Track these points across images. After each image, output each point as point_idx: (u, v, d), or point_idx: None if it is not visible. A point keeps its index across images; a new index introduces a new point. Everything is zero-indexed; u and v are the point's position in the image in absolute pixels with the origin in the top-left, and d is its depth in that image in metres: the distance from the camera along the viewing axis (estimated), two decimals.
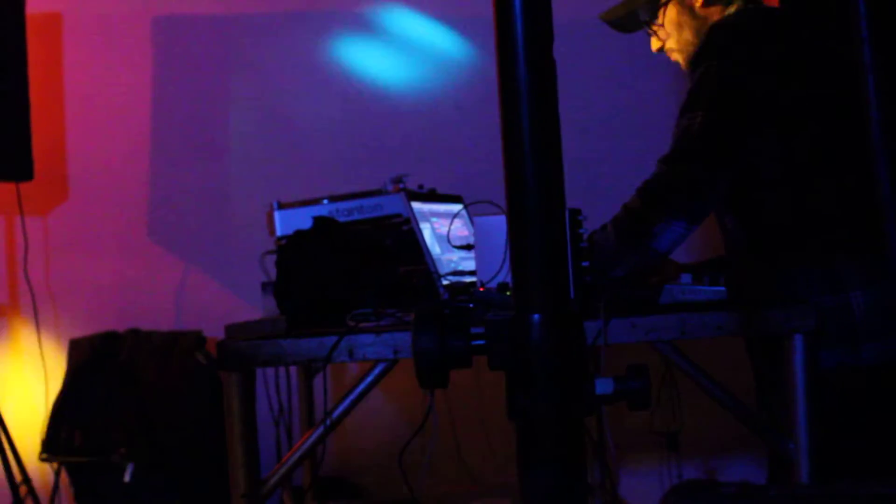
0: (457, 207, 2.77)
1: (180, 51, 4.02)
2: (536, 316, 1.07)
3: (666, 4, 2.63)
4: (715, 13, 2.60)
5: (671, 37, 2.64)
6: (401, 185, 2.63)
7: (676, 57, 2.66)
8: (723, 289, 2.38)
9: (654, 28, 2.66)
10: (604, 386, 1.16)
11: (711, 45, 2.53)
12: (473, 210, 2.40)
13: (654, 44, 2.70)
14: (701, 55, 2.53)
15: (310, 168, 3.94)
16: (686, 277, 2.42)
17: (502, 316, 1.12)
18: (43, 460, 3.59)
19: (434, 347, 1.17)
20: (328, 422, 2.18)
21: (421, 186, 2.78)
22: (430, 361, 1.18)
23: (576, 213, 2.20)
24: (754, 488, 1.10)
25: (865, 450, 2.40)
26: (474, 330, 1.18)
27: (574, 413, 1.08)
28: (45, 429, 3.57)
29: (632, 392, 1.16)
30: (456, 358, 1.17)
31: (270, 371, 3.10)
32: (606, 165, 3.78)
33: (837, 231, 2.44)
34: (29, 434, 3.80)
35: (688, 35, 2.62)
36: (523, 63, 1.06)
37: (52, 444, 3.54)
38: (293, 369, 3.31)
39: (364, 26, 3.98)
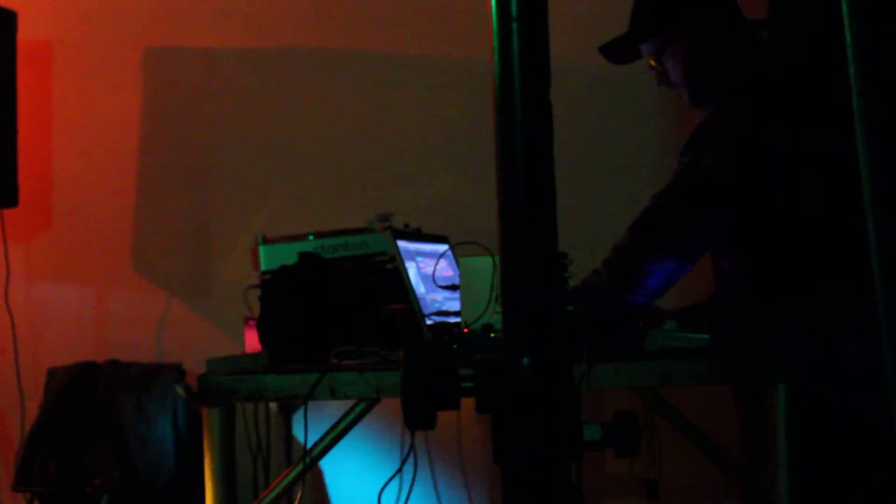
0: (442, 248, 2.77)
1: (171, 82, 4.02)
2: (526, 360, 1.07)
3: (671, 38, 2.58)
4: (723, 48, 2.56)
5: (675, 71, 2.58)
6: (387, 224, 2.63)
7: (680, 91, 2.61)
8: (706, 336, 2.37)
9: (658, 62, 2.60)
10: (591, 433, 1.15)
11: (724, 86, 2.49)
12: (459, 251, 2.40)
13: (656, 77, 2.64)
14: (712, 95, 2.51)
15: (296, 203, 3.93)
16: (670, 324, 2.42)
17: (491, 358, 1.11)
18: (16, 490, 3.54)
19: (422, 388, 1.17)
20: (307, 459, 2.16)
21: (407, 225, 2.77)
22: (418, 402, 1.17)
23: (561, 256, 2.20)
24: None
25: (850, 501, 2.38)
26: (462, 371, 1.17)
27: (561, 459, 1.08)
28: (19, 458, 3.53)
29: (620, 440, 1.15)
30: (444, 399, 1.16)
31: (249, 405, 3.08)
32: (595, 211, 3.77)
33: (835, 281, 2.41)
34: (3, 463, 3.77)
35: (694, 69, 2.57)
36: (520, 107, 1.06)
37: (26, 474, 3.50)
38: (272, 403, 3.29)
39: (355, 63, 3.99)
